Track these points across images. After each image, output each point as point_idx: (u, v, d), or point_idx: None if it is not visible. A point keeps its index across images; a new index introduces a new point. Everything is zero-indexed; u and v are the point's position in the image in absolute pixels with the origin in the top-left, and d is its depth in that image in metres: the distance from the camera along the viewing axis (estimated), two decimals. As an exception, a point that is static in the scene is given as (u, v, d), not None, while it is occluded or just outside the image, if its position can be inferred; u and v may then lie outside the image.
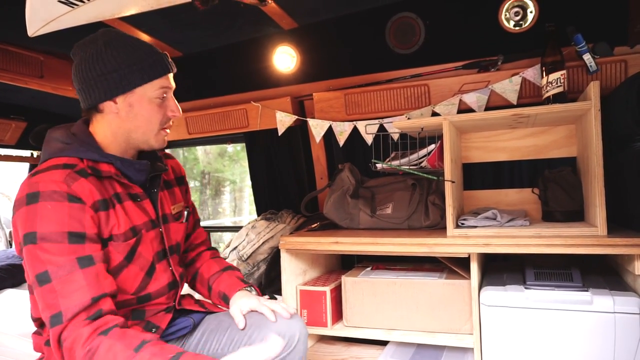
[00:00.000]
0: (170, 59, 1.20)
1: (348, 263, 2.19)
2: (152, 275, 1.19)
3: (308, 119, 2.14)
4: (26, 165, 3.14)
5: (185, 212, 1.36)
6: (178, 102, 1.22)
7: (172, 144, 3.06)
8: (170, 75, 1.20)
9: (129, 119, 1.16)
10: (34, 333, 1.18)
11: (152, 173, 1.24)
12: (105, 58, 1.12)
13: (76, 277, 0.99)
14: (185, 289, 1.36)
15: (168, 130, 1.24)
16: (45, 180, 1.03)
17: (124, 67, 1.12)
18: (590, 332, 1.34)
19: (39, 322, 1.15)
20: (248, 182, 2.50)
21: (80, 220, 1.03)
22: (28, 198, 1.01)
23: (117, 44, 1.14)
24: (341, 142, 2.11)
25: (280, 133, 2.16)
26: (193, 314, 1.30)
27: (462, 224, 1.62)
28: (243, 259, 2.07)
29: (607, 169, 1.43)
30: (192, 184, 6.49)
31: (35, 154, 2.96)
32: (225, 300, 1.32)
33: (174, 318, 1.25)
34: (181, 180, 1.40)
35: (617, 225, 1.55)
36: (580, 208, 1.64)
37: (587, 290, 1.37)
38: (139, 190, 1.20)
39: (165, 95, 1.19)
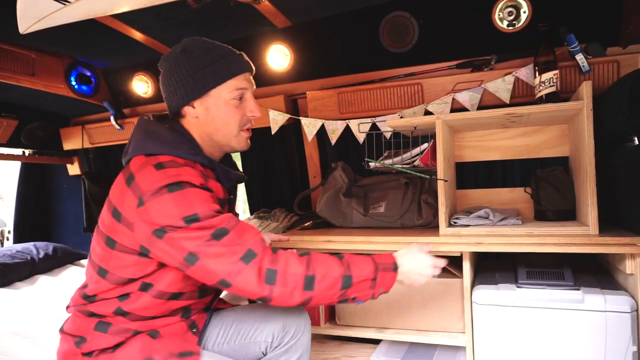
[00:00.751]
0: (246, 58, 1.23)
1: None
2: None
3: (301, 118, 2.13)
4: (17, 163, 3.11)
5: None
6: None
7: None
8: (248, 75, 1.23)
9: (208, 122, 1.20)
10: (75, 315, 1.21)
11: (239, 181, 1.32)
12: (182, 64, 1.17)
13: (243, 225, 1.11)
14: None
15: (250, 132, 1.27)
16: (186, 174, 1.08)
17: (198, 70, 1.16)
18: (581, 330, 1.35)
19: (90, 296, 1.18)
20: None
21: (219, 205, 1.15)
22: (170, 187, 1.05)
23: (192, 49, 1.18)
24: (333, 141, 2.10)
25: (273, 132, 2.15)
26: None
27: (455, 222, 1.63)
28: (236, 258, 2.06)
29: (599, 168, 1.44)
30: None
31: (27, 152, 2.93)
32: None
33: None
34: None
35: (608, 224, 1.56)
36: (572, 207, 1.65)
37: (578, 289, 1.37)
38: (225, 196, 1.27)
39: (243, 95, 1.21)
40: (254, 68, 1.25)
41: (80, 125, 2.76)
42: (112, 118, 2.57)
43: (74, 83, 2.37)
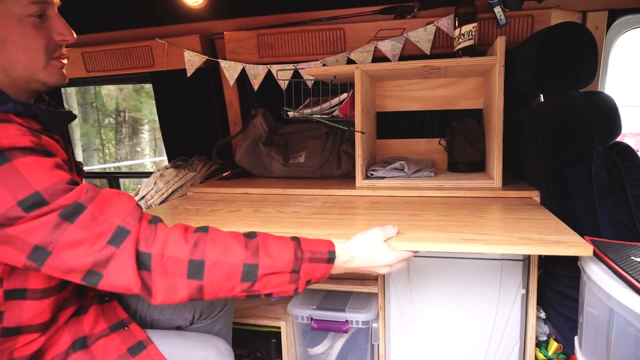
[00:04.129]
0: None
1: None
2: None
3: (220, 60, 2.00)
4: None
5: None
6: (75, 32, 0.95)
7: (71, 82, 2.76)
8: None
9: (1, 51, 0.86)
10: None
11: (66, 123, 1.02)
12: None
13: (106, 193, 0.82)
14: None
15: (65, 61, 0.95)
16: (6, 136, 0.77)
17: None
18: (481, 276, 1.45)
19: None
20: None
21: (65, 170, 0.84)
22: None
23: None
24: (256, 87, 2.01)
25: (189, 74, 2.01)
26: None
27: (372, 174, 1.64)
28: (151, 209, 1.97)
29: (509, 123, 1.48)
30: (106, 121, 6.04)
31: None
32: None
33: None
34: None
35: (515, 176, 1.64)
36: (483, 159, 1.71)
37: (480, 239, 1.46)
38: (63, 147, 0.98)
39: (44, 12, 0.88)
40: None
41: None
42: None
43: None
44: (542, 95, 1.64)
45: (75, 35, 0.94)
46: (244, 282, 0.83)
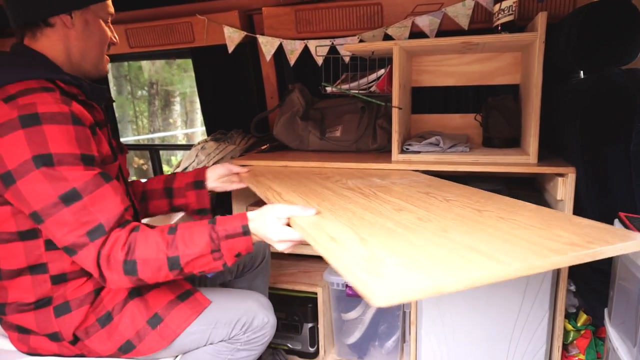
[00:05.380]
0: None
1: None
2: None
3: (258, 36, 2.05)
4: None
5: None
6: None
7: (114, 58, 2.86)
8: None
9: (84, 38, 1.09)
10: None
11: (105, 102, 1.21)
12: None
13: (106, 190, 0.97)
14: None
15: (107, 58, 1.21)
16: (43, 102, 0.93)
17: None
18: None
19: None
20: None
21: (88, 144, 0.99)
22: (23, 120, 0.90)
23: None
24: (292, 62, 2.05)
25: (230, 50, 2.06)
26: None
27: (407, 149, 1.68)
28: (193, 179, 2.07)
29: (547, 99, 1.49)
30: (139, 93, 6.18)
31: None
32: (198, 185, 1.42)
33: None
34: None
35: (551, 152, 1.66)
36: (518, 135, 1.72)
37: (513, 213, 1.50)
38: (101, 117, 1.15)
39: (109, 20, 1.17)
40: None
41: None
42: None
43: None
44: (581, 71, 1.63)
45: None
46: (172, 271, 0.98)
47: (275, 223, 0.97)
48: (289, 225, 0.97)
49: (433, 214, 0.95)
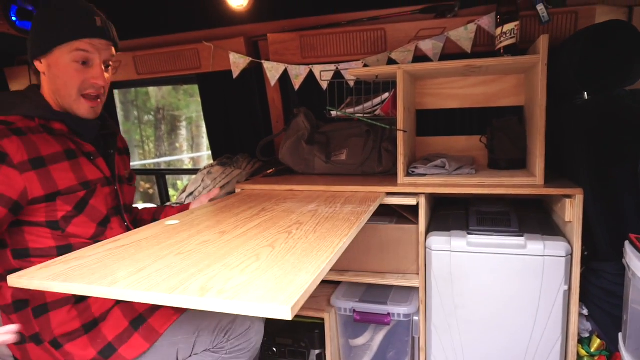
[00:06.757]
0: (100, 24, 1.15)
1: (304, 206, 2.24)
2: (107, 225, 1.22)
3: (263, 61, 2.08)
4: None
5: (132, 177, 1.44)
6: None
7: (122, 85, 2.91)
8: (97, 41, 1.16)
9: (52, 80, 1.17)
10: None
11: (103, 130, 1.28)
12: (37, 19, 1.16)
13: None
14: None
15: (94, 103, 1.20)
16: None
17: (44, 27, 1.14)
18: (523, 272, 1.47)
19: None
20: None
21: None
22: None
23: (53, 3, 1.14)
24: (297, 86, 2.07)
25: (235, 76, 2.09)
26: None
27: (413, 172, 1.68)
28: (199, 203, 2.07)
29: (552, 120, 1.49)
30: (146, 118, 6.26)
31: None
32: None
33: None
34: (127, 151, 1.47)
35: (557, 173, 1.65)
36: (524, 156, 1.72)
37: (522, 236, 1.48)
38: (91, 149, 1.23)
39: (87, 60, 1.16)
40: (111, 35, 1.19)
41: (26, 64, 2.58)
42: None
43: (14, 19, 2.19)
44: (585, 92, 1.63)
45: (105, 81, 1.20)
46: None
47: None
48: None
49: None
